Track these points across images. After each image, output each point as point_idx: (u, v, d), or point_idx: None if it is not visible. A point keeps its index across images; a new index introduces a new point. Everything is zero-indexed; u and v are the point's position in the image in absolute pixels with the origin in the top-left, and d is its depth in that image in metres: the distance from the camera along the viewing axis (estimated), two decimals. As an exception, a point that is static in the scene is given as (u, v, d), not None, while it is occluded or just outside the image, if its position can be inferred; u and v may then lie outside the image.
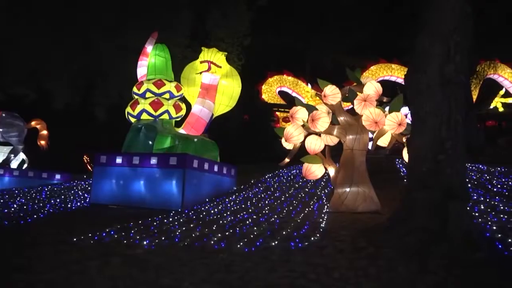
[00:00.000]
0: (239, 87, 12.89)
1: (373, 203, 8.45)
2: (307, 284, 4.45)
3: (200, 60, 12.39)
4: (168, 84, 11.74)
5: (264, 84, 28.79)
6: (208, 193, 10.78)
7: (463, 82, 6.05)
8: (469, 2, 5.99)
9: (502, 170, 12.82)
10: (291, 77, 29.66)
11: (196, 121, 12.08)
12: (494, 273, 4.57)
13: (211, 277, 4.80)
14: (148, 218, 8.17)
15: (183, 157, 10.04)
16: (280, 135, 9.10)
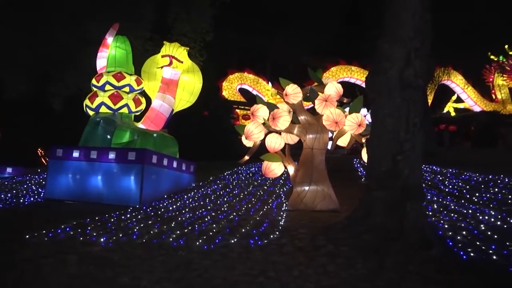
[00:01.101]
0: (200, 83, 12.82)
1: (331, 201, 8.61)
2: (266, 282, 4.47)
3: (162, 54, 12.23)
4: (128, 77, 11.51)
5: (225, 81, 28.75)
6: (166, 190, 10.66)
7: (421, 86, 6.25)
8: (429, 10, 6.19)
9: (454, 172, 13.39)
10: (252, 75, 29.77)
11: (156, 116, 11.92)
12: (446, 269, 4.76)
13: (170, 275, 4.74)
14: (105, 214, 7.98)
15: (142, 153, 9.86)
16: (241, 132, 9.12)
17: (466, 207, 8.22)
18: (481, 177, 12.25)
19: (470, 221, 7.01)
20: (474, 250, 5.34)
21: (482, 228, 6.51)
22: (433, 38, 6.28)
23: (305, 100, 9.09)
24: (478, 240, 5.82)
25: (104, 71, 11.75)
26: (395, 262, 4.95)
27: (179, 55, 12.13)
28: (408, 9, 6.09)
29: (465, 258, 5.13)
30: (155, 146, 10.95)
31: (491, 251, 5.32)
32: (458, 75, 33.06)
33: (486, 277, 4.61)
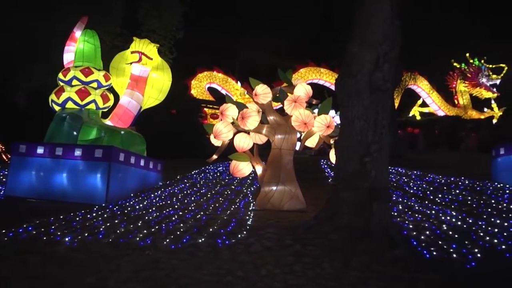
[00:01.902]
0: (169, 81, 12.71)
1: (298, 201, 8.70)
2: (234, 281, 4.47)
3: (131, 50, 12.07)
4: (96, 73, 11.28)
5: (194, 80, 28.57)
6: (133, 188, 10.51)
7: (389, 90, 6.40)
8: (398, 17, 6.35)
9: (418, 174, 13.75)
10: (221, 74, 29.69)
11: (124, 113, 11.74)
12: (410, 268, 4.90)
13: (137, 275, 4.67)
14: (70, 213, 7.80)
15: (109, 150, 9.69)
16: (209, 131, 9.11)
17: (430, 208, 8.46)
18: (444, 179, 12.63)
19: (433, 221, 7.24)
20: (436, 249, 5.52)
21: (444, 228, 6.73)
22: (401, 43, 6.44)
23: (274, 100, 9.16)
24: (440, 239, 6.01)
25: (72, 66, 11.49)
26: (361, 261, 5.05)
27: (148, 51, 11.99)
28: (379, 15, 6.22)
29: (428, 257, 5.30)
30: (123, 143, 10.79)
31: (452, 250, 5.51)
32: (423, 80, 34.00)
33: (447, 275, 4.78)
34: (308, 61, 31.08)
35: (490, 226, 6.94)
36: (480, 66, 32.44)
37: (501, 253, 5.51)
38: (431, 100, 34.16)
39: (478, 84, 32.48)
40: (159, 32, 20.54)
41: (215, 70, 29.54)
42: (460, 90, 33.66)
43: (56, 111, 11.17)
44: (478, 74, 32.35)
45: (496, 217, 7.60)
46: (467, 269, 4.96)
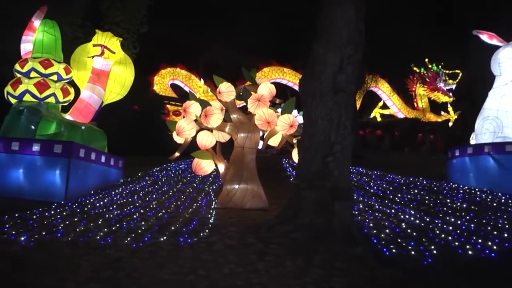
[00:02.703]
0: (132, 76, 12.46)
1: (261, 200, 8.73)
2: (196, 280, 4.45)
3: (93, 43, 11.73)
4: (56, 65, 10.88)
5: (157, 76, 28.16)
6: (93, 185, 10.24)
7: (352, 91, 6.53)
8: (362, 21, 6.47)
9: (378, 174, 14.08)
10: (184, 70, 29.40)
11: (84, 107, 11.42)
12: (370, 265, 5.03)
13: (98, 275, 4.56)
14: (26, 210, 7.53)
15: (69, 145, 9.38)
16: (172, 128, 9.01)
17: (389, 207, 8.70)
18: (403, 179, 13.00)
19: (393, 220, 7.46)
20: (396, 247, 5.71)
21: (403, 226, 6.96)
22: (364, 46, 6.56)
23: (238, 99, 9.15)
24: (399, 237, 6.22)
25: (30, 57, 11.02)
26: (323, 259, 5.13)
27: (111, 45, 11.70)
28: (344, 18, 6.33)
29: (388, 254, 5.47)
30: (83, 139, 10.49)
31: (410, 247, 5.72)
32: (384, 83, 34.85)
33: (406, 271, 4.95)
34: (272, 61, 31.21)
35: (445, 224, 7.24)
36: (438, 71, 33.55)
37: (455, 250, 5.77)
38: (392, 103, 35.05)
39: (436, 88, 33.56)
40: (123, 25, 20.04)
41: (178, 67, 29.22)
42: (419, 94, 34.68)
43: (12, 104, 10.73)
44: (436, 78, 33.44)
45: (451, 216, 7.93)
46: (424, 265, 5.16)
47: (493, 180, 11.67)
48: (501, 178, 11.56)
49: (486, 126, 12.83)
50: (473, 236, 6.38)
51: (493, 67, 13.17)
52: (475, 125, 13.42)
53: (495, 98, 12.94)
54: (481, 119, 13.17)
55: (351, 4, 6.34)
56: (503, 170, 11.56)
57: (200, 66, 31.48)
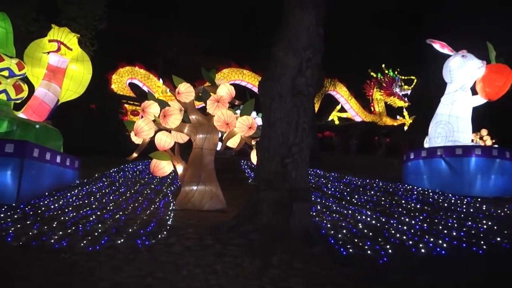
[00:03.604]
0: (89, 74, 12.15)
1: (219, 201, 8.72)
2: (155, 283, 4.39)
3: (49, 38, 11.34)
4: (8, 60, 10.40)
5: (115, 74, 27.64)
6: (48, 186, 9.89)
7: (311, 94, 6.62)
8: (322, 25, 6.58)
9: (336, 175, 14.34)
10: (143, 70, 28.98)
11: (39, 105, 11.03)
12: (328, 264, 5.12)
13: (52, 280, 4.40)
14: (-27, 213, 7.19)
15: (21, 145, 8.99)
16: (130, 128, 8.86)
17: (346, 208, 8.89)
18: (360, 180, 13.32)
19: (350, 220, 7.65)
20: (352, 247, 5.85)
21: (360, 226, 7.13)
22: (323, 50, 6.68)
23: (197, 99, 9.10)
24: (356, 237, 6.37)
25: (-22, 52, 10.56)
26: (281, 259, 5.18)
27: (68, 41, 11.36)
28: (304, 22, 6.41)
29: (345, 253, 5.59)
30: (37, 138, 10.11)
31: (366, 247, 5.88)
32: (342, 86, 35.61)
33: (362, 269, 5.08)
34: (231, 62, 31.24)
35: (400, 224, 7.49)
36: (394, 77, 34.63)
37: (409, 248, 5.98)
38: (349, 106, 35.85)
39: (392, 93, 34.62)
40: (80, 21, 19.46)
41: (137, 66, 28.77)
42: (376, 98, 35.63)
43: (-41, 101, 10.23)
44: (392, 84, 34.50)
45: (405, 216, 8.21)
46: (380, 264, 5.31)
47: (445, 182, 12.20)
48: (451, 180, 12.11)
49: (439, 130, 13.37)
50: (426, 235, 6.65)
51: (445, 75, 13.75)
52: (429, 129, 13.95)
53: (446, 104, 13.51)
54: (434, 124, 13.70)
55: (311, 9, 6.44)
56: (454, 172, 12.08)
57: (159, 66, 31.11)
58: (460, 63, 13.20)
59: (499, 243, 6.48)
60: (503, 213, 8.95)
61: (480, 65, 13.05)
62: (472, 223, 7.79)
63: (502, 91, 13.15)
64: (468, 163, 12.11)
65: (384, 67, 34.63)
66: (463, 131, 13.14)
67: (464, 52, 13.40)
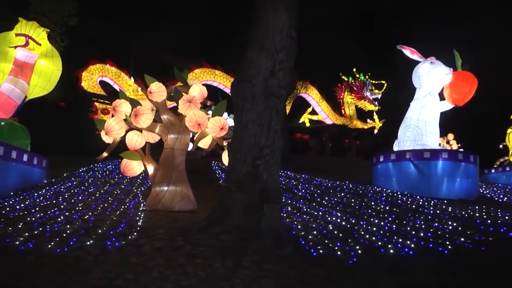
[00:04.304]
0: (58, 70, 11.89)
1: (190, 202, 8.68)
2: (125, 285, 4.32)
3: (16, 32, 11.05)
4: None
5: (85, 71, 27.14)
6: (14, 186, 9.67)
7: (284, 96, 6.66)
8: (295, 28, 6.63)
9: (306, 177, 14.47)
10: (114, 68, 28.55)
11: (5, 101, 10.73)
12: (298, 265, 5.16)
13: (17, 284, 4.28)
14: None
15: (-15, 143, 8.80)
16: (100, 127, 8.73)
17: (317, 209, 8.99)
18: (330, 182, 13.47)
19: (320, 222, 7.74)
20: (323, 247, 5.92)
21: (330, 228, 7.23)
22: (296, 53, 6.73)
23: (169, 99, 9.03)
24: (326, 238, 6.46)
25: None
26: (252, 260, 5.19)
27: (37, 36, 11.08)
28: (277, 24, 6.45)
29: (315, 254, 5.66)
30: (3, 136, 9.87)
31: (336, 247, 5.96)
32: (314, 89, 35.96)
33: (332, 270, 5.14)
34: (203, 62, 31.11)
35: (370, 225, 7.64)
36: (365, 81, 35.19)
37: (378, 249, 6.11)
38: (320, 109, 36.20)
39: (363, 97, 35.17)
40: (50, 16, 18.98)
41: (108, 63, 28.32)
42: (347, 101, 36.12)
43: None
44: (363, 88, 35.06)
45: (374, 217, 8.38)
46: (349, 264, 5.39)
47: (413, 184, 12.50)
48: (419, 182, 12.43)
49: (408, 134, 13.68)
50: (394, 236, 6.80)
51: (414, 80, 14.10)
52: (398, 133, 14.25)
53: (415, 108, 13.84)
54: (403, 128, 14.01)
55: (285, 12, 6.48)
56: (422, 175, 12.37)
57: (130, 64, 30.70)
58: (429, 69, 13.55)
59: (463, 243, 6.70)
60: (467, 215, 9.24)
61: (447, 72, 13.44)
62: (438, 224, 8.02)
63: (467, 97, 13.59)
64: (435, 167, 12.46)
65: (355, 71, 35.16)
66: (431, 135, 13.48)
67: (432, 59, 13.78)
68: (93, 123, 9.12)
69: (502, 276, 5.39)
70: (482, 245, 6.65)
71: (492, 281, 5.21)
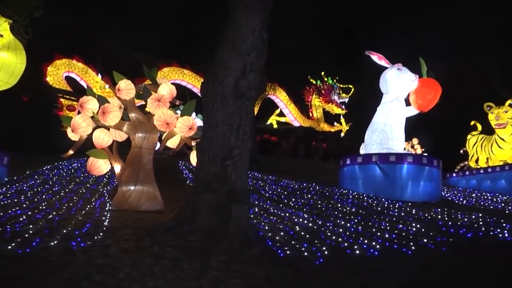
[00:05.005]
0: (22, 64, 11.44)
1: (156, 202, 8.59)
2: (91, 287, 4.21)
3: (-25, 22, 10.64)
4: None
5: (51, 66, 26.40)
6: (-29, 184, 9.34)
7: (253, 98, 6.69)
8: (267, 30, 6.66)
9: (273, 178, 14.54)
10: (81, 63, 27.90)
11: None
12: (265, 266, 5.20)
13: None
14: None
15: None
16: (67, 124, 8.53)
17: (284, 210, 9.06)
18: (297, 184, 13.59)
19: (287, 223, 7.81)
20: (289, 248, 5.99)
21: (297, 229, 7.31)
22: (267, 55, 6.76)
23: (137, 97, 8.91)
24: (293, 239, 6.54)
25: None
26: (220, 261, 5.20)
27: (-2, 26, 10.69)
28: (249, 26, 6.47)
29: (282, 255, 5.72)
30: (-40, 132, 9.49)
31: (303, 248, 6.04)
32: (282, 91, 36.17)
33: (299, 270, 5.21)
34: (172, 61, 30.82)
35: (336, 226, 7.77)
36: (333, 85, 35.65)
37: (344, 250, 6.24)
38: (288, 111, 36.45)
39: (331, 100, 35.62)
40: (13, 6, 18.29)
41: (74, 59, 27.64)
42: (315, 104, 36.48)
43: None
44: (331, 91, 35.52)
45: (341, 219, 8.52)
46: (316, 265, 5.48)
47: (378, 187, 12.78)
48: (385, 185, 12.72)
49: (374, 138, 13.96)
50: (360, 237, 6.96)
51: (381, 85, 14.42)
52: (364, 137, 14.52)
53: (382, 113, 14.15)
54: (370, 131, 14.29)
55: (257, 13, 6.51)
56: (387, 178, 12.65)
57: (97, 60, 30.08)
58: (396, 75, 13.88)
59: (426, 244, 6.93)
60: (430, 217, 9.53)
61: (413, 79, 13.81)
62: (402, 225, 8.24)
63: (432, 104, 14.00)
64: (400, 170, 12.78)
65: (323, 74, 35.57)
66: (396, 140, 13.81)
67: (399, 65, 14.13)
68: (59, 120, 8.87)
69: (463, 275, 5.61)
70: (443, 246, 6.89)
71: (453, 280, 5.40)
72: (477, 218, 9.45)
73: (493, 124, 19.82)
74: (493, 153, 19.91)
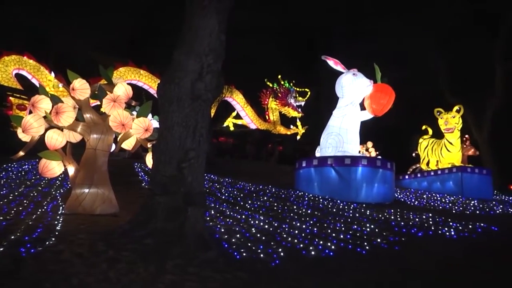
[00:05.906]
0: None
1: (111, 205, 8.41)
2: (41, 295, 4.11)
3: None
4: None
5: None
6: None
7: (210, 100, 6.67)
8: (224, 32, 6.68)
9: (230, 181, 14.54)
10: (32, 60, 26.85)
11: None
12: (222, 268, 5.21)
13: None
14: None
15: None
16: (17, 124, 8.21)
17: (240, 213, 9.10)
18: (253, 186, 13.65)
19: (243, 225, 7.85)
20: (246, 250, 6.03)
21: (253, 231, 7.35)
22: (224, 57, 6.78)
23: (92, 97, 8.70)
24: (250, 241, 6.57)
25: None
26: (176, 264, 5.15)
27: None
28: (207, 27, 6.46)
29: (239, 257, 5.75)
30: None
31: (259, 250, 6.09)
32: (239, 94, 36.23)
33: (255, 272, 5.25)
34: (129, 61, 30.28)
35: (292, 228, 7.87)
36: (289, 88, 36.04)
37: (300, 251, 6.34)
38: (245, 114, 36.54)
39: (287, 103, 35.98)
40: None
41: (25, 56, 26.55)
42: (271, 107, 36.74)
43: None
44: (287, 94, 35.88)
45: (297, 221, 8.64)
46: (272, 266, 5.54)
47: (334, 189, 13.06)
48: (340, 187, 13.01)
49: (330, 141, 14.25)
50: (315, 238, 7.09)
51: (337, 90, 14.75)
52: (320, 140, 14.79)
53: (338, 116, 14.47)
54: (325, 135, 14.58)
55: (215, 15, 6.51)
56: (342, 180, 12.94)
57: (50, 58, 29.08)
58: (351, 80, 14.24)
59: (379, 244, 7.15)
60: (383, 217, 9.83)
61: (368, 84, 14.21)
62: (357, 226, 8.46)
63: (385, 108, 14.45)
64: (355, 172, 13.11)
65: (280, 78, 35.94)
66: (351, 143, 14.15)
67: (355, 70, 14.51)
68: (8, 119, 8.52)
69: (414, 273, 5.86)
70: (396, 245, 7.13)
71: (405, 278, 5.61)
72: (427, 218, 9.86)
73: (443, 129, 20.66)
74: (443, 156, 20.74)
